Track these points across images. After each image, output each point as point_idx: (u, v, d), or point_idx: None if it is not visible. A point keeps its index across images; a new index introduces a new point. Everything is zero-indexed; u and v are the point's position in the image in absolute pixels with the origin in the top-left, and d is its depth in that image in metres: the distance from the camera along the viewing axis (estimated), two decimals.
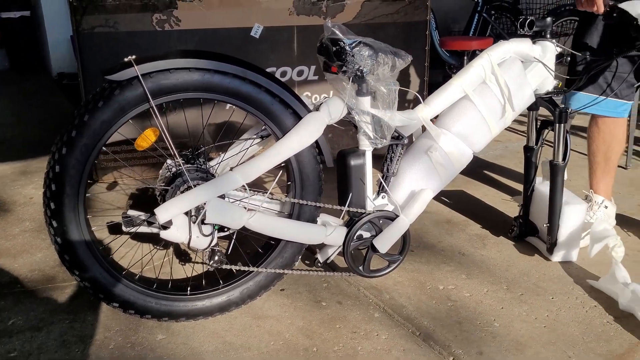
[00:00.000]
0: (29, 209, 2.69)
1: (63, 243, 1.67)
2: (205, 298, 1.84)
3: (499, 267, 2.19)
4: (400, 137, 1.92)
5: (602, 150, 2.36)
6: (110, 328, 1.82)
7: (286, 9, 2.92)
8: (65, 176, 1.62)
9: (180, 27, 2.79)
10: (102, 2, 2.65)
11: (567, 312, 1.91)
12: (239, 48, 2.88)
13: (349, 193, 1.89)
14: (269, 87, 1.73)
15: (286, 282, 2.07)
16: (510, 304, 1.96)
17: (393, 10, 3.08)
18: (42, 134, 3.86)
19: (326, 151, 1.85)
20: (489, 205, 2.74)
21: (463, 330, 1.83)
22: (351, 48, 1.71)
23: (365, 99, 1.81)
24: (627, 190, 2.86)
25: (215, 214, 1.71)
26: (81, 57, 2.74)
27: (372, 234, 1.96)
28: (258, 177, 1.76)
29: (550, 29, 2.03)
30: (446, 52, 4.60)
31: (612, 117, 2.30)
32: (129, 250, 2.06)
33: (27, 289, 2.04)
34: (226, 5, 2.83)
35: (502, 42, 2.01)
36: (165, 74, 1.63)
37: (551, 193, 2.15)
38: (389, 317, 1.89)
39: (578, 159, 3.23)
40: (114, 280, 1.74)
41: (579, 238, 2.21)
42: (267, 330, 1.83)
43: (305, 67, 3.06)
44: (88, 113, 1.61)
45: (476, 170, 3.14)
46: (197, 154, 1.82)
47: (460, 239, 2.41)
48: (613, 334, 1.81)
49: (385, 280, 2.08)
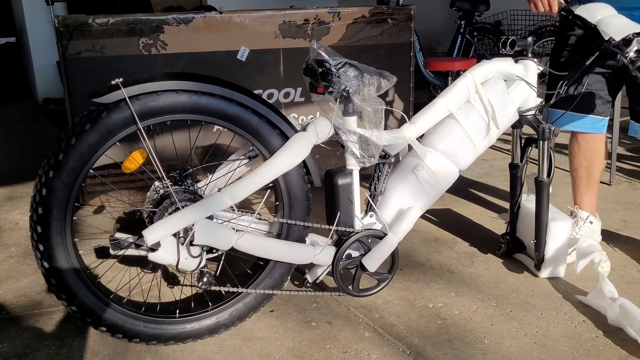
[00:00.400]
0: (15, 235, 2.67)
1: (50, 267, 1.66)
2: (194, 320, 1.83)
3: (487, 284, 2.20)
4: (387, 156, 1.94)
5: (584, 166, 2.40)
6: (98, 353, 1.80)
7: (272, 32, 2.95)
8: (52, 199, 1.61)
9: (166, 50, 2.81)
10: (88, 27, 2.67)
11: (556, 328, 1.92)
12: (226, 71, 2.90)
13: (337, 212, 1.89)
14: (255, 108, 1.75)
15: (275, 303, 2.06)
16: (499, 321, 1.96)
17: (378, 33, 3.12)
18: (28, 160, 3.84)
19: (314, 171, 1.86)
20: (476, 223, 2.76)
21: (453, 348, 1.82)
22: (337, 69, 1.73)
23: (351, 118, 1.83)
24: (611, 207, 2.90)
25: (204, 235, 1.71)
26: (67, 82, 2.74)
27: (360, 253, 1.96)
28: (246, 197, 1.77)
29: (532, 48, 2.08)
30: (430, 73, 4.66)
31: (591, 133, 2.34)
32: (117, 273, 2.04)
33: (13, 315, 2.01)
34: (212, 29, 2.86)
35: (485, 62, 2.04)
36: (152, 96, 1.64)
37: (537, 209, 2.17)
38: (379, 336, 1.89)
39: (563, 176, 3.27)
40: (102, 303, 1.73)
41: (566, 254, 2.23)
42: (257, 351, 1.82)
43: (291, 89, 3.08)
44: (75, 136, 1.61)
45: (463, 189, 3.17)
46: (185, 176, 1.82)
47: (449, 257, 2.42)
48: (602, 348, 1.81)
49: (375, 299, 2.08)
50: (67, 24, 2.64)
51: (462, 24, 4.94)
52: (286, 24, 2.96)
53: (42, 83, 5.58)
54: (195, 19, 2.82)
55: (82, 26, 2.66)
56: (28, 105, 5.66)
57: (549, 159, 2.13)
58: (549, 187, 2.15)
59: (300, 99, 3.11)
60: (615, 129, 3.26)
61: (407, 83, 3.26)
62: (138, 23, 2.74)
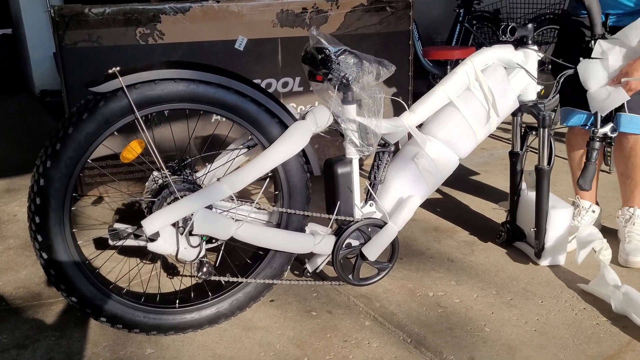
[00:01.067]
0: (13, 227, 2.66)
1: (48, 258, 1.65)
2: (194, 310, 1.83)
3: (487, 272, 2.20)
4: (387, 145, 1.93)
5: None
6: (98, 344, 1.79)
7: (270, 21, 2.93)
8: (50, 189, 1.60)
9: (164, 40, 2.79)
10: (84, 17, 2.64)
11: (557, 315, 1.92)
12: (224, 61, 2.88)
13: (337, 201, 1.89)
14: (254, 97, 1.74)
15: (276, 293, 2.06)
16: (500, 309, 1.96)
17: (376, 21, 3.10)
18: (25, 152, 3.82)
19: (313, 160, 1.85)
20: (476, 212, 2.76)
21: (454, 336, 1.82)
22: (336, 56, 1.72)
23: (351, 107, 1.82)
24: (611, 195, 2.89)
25: (203, 224, 1.70)
26: (64, 73, 2.72)
27: (360, 242, 1.95)
28: (245, 187, 1.76)
29: (532, 36, 2.06)
30: (429, 61, 4.64)
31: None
32: (117, 264, 2.03)
33: (12, 307, 2.00)
34: (210, 18, 2.83)
35: (484, 49, 2.03)
36: (150, 85, 1.63)
37: (537, 197, 2.16)
38: (379, 325, 1.89)
39: (562, 164, 3.26)
40: (101, 294, 1.72)
41: (566, 242, 2.22)
42: (258, 341, 1.81)
43: (290, 79, 3.06)
44: (72, 125, 1.60)
45: (463, 178, 3.16)
46: (184, 166, 1.81)
47: (449, 246, 2.41)
48: (603, 335, 1.81)
49: (375, 288, 2.08)
50: (63, 14, 2.62)
51: (460, 12, 4.92)
52: (284, 13, 2.94)
53: (39, 75, 5.54)
54: (192, 8, 2.79)
55: (79, 16, 2.64)
56: (25, 97, 5.62)
57: (550, 146, 2.12)
58: (549, 175, 2.14)
59: (299, 89, 3.09)
60: None
61: (406, 72, 3.24)
62: (135, 12, 2.71)
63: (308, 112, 1.82)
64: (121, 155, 1.73)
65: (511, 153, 2.31)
